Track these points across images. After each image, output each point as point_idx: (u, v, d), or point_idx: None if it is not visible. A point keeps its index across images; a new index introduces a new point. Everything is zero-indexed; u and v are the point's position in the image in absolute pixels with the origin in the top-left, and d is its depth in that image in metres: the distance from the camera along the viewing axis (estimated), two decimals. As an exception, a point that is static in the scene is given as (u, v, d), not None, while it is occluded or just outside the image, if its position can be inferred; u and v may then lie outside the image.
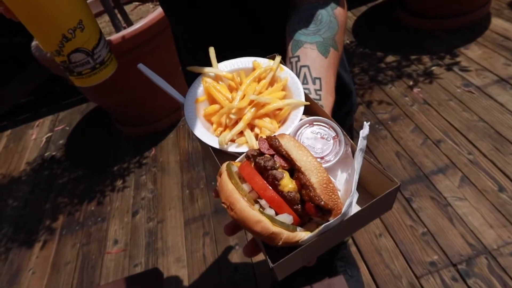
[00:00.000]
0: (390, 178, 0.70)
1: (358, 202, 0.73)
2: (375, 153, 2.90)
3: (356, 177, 0.68)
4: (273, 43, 1.01)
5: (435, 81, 3.33)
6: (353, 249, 2.38)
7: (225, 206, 0.64)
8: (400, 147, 2.89)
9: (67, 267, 2.94)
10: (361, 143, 0.71)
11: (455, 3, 3.67)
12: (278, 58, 0.89)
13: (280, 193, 0.63)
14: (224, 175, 0.66)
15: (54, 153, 4.19)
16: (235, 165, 0.70)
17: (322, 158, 0.77)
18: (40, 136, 4.55)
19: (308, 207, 0.64)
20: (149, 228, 2.99)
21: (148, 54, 3.04)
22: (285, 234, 0.61)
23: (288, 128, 0.80)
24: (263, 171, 0.65)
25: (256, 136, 0.79)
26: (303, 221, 0.67)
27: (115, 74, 1.10)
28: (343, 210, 0.64)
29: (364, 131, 0.72)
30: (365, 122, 0.74)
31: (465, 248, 2.19)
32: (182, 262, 2.66)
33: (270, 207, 0.64)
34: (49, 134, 4.52)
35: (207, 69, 0.87)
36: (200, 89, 0.87)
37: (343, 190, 0.75)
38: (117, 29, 3.16)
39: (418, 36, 3.86)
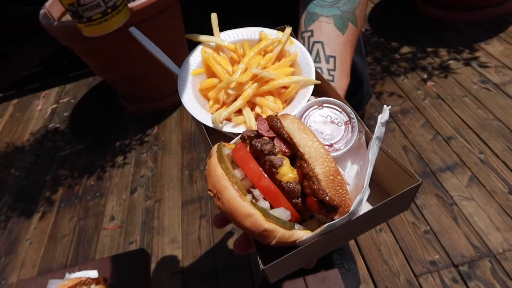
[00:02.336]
0: (410, 174, 0.60)
1: (369, 200, 0.64)
2: (382, 146, 2.80)
3: (369, 171, 0.59)
4: (286, 13, 0.92)
5: (451, 75, 3.21)
6: (351, 242, 2.32)
7: (212, 194, 0.55)
8: (408, 142, 2.80)
9: (64, 240, 2.93)
10: (379, 130, 0.61)
11: (479, -5, 3.51)
12: (289, 30, 0.80)
13: (278, 183, 0.54)
14: (214, 158, 0.57)
15: (58, 125, 4.15)
16: (228, 147, 0.61)
17: (330, 145, 0.67)
18: (45, 107, 4.51)
19: (309, 201, 0.54)
20: (146, 207, 2.95)
21: (156, 29, 2.94)
22: (280, 232, 0.53)
23: (294, 109, 0.71)
24: (260, 155, 0.56)
25: (257, 116, 0.71)
26: (303, 217, 0.58)
27: (120, 47, 1.00)
28: (351, 208, 0.55)
29: (384, 116, 0.62)
30: (385, 106, 0.64)
31: (468, 249, 2.12)
32: (177, 243, 2.63)
33: (264, 198, 0.55)
34: (54, 106, 4.48)
35: (207, 38, 0.78)
36: (198, 60, 0.79)
37: (352, 184, 0.66)
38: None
39: (436, 27, 3.71)
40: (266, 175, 0.55)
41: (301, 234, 0.55)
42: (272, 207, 0.55)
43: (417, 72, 3.34)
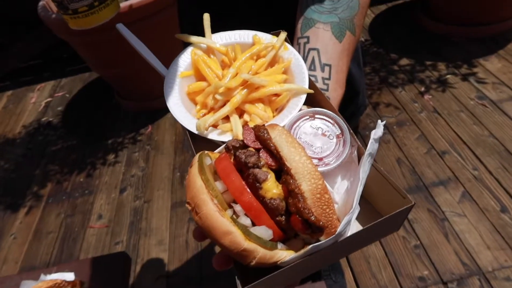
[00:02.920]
0: (402, 194, 0.58)
1: (358, 218, 0.61)
2: (376, 157, 2.78)
3: (360, 189, 0.55)
4: (285, 18, 0.89)
5: (448, 90, 3.20)
6: (342, 253, 2.29)
7: (189, 208, 0.51)
8: (403, 154, 2.78)
9: (49, 236, 2.87)
10: (372, 146, 0.58)
11: (481, 12, 3.51)
12: (283, 35, 0.76)
13: (261, 198, 0.51)
14: (194, 168, 0.54)
15: (51, 119, 4.10)
16: (212, 157, 0.57)
17: (320, 159, 0.64)
18: (39, 100, 4.46)
19: (294, 220, 0.50)
20: (135, 207, 2.91)
21: (152, 28, 2.91)
22: (261, 253, 0.49)
23: (284, 118, 0.67)
24: (244, 168, 0.52)
25: (245, 124, 0.68)
26: (287, 236, 0.54)
27: (117, 44, 0.96)
28: (338, 230, 0.52)
29: (377, 132, 0.59)
30: (379, 121, 0.61)
31: (458, 266, 2.09)
32: (163, 246, 2.58)
33: (246, 215, 0.51)
34: (49, 99, 4.43)
35: (198, 39, 0.75)
36: (187, 62, 0.75)
37: (341, 201, 0.62)
38: (126, -3, 3.03)
39: (436, 41, 3.71)
40: (248, 190, 0.51)
41: (283, 254, 0.51)
42: (254, 224, 0.51)
43: (415, 85, 3.33)
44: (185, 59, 0.76)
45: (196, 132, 0.65)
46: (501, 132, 2.75)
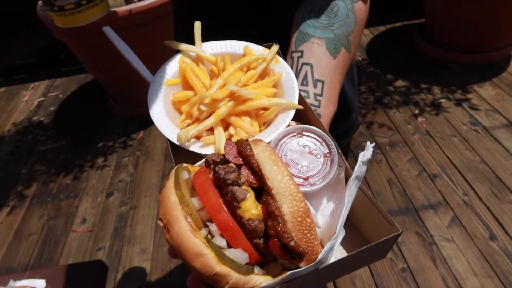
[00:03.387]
0: (390, 221, 0.55)
1: (343, 242, 0.58)
2: (367, 176, 2.77)
3: (344, 214, 0.53)
4: (281, 30, 0.87)
5: (442, 113, 3.21)
6: (327, 272, 2.25)
7: (161, 225, 0.48)
8: (394, 175, 2.77)
9: (30, 238, 2.80)
10: (359, 169, 0.55)
11: (477, 40, 3.56)
12: (275, 48, 0.75)
13: (239, 219, 0.48)
14: (170, 182, 0.51)
15: (42, 119, 4.04)
16: (192, 170, 0.54)
17: (305, 179, 0.61)
18: (32, 99, 4.41)
19: (272, 244, 0.47)
20: (121, 213, 2.85)
21: (148, 35, 2.90)
22: (234, 278, 0.45)
23: (271, 134, 0.65)
24: (222, 185, 0.49)
25: (230, 138, 0.66)
26: (265, 259, 0.51)
27: (113, 48, 0.93)
28: (319, 257, 0.49)
29: (366, 154, 0.56)
30: (368, 143, 0.57)
31: (443, 292, 2.06)
32: (147, 255, 2.52)
33: (221, 235, 0.48)
34: (42, 99, 4.38)
35: (187, 47, 0.73)
36: (174, 70, 0.73)
37: (326, 224, 0.59)
38: (128, 2, 3.03)
39: (433, 65, 3.75)
40: (226, 209, 0.48)
41: (259, 280, 0.48)
42: (229, 246, 0.48)
43: (409, 107, 3.34)
44: (172, 67, 0.73)
45: (177, 142, 0.62)
46: (493, 159, 2.75)
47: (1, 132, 3.93)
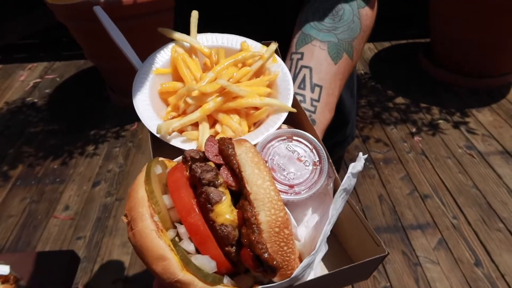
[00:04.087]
0: (377, 241, 0.52)
1: (325, 259, 0.54)
2: (358, 190, 2.74)
3: (327, 229, 0.49)
4: (280, 30, 0.84)
5: (439, 134, 3.20)
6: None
7: (125, 221, 0.44)
8: (385, 191, 2.74)
9: (9, 220, 2.73)
10: (348, 181, 0.52)
11: (480, 65, 3.56)
12: (274, 46, 0.71)
13: (211, 223, 0.44)
14: (141, 176, 0.47)
15: (36, 100, 3.98)
16: (169, 165, 0.50)
17: (291, 186, 0.57)
18: (28, 80, 4.34)
19: (244, 254, 0.43)
20: (105, 203, 2.79)
21: (151, 27, 2.85)
22: (199, 286, 0.41)
23: (259, 135, 0.61)
24: (198, 184, 0.45)
25: (215, 135, 0.62)
26: (237, 270, 0.46)
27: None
28: (295, 273, 0.45)
29: (356, 166, 0.53)
30: (360, 154, 0.54)
31: (424, 315, 2.03)
32: (127, 248, 2.47)
33: (190, 239, 0.44)
34: (38, 80, 4.32)
35: (181, 36, 0.69)
36: (165, 59, 0.69)
37: (308, 237, 0.55)
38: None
39: (434, 86, 3.74)
40: (197, 210, 0.44)
41: None
42: (198, 252, 0.44)
43: (407, 125, 3.33)
44: (164, 55, 0.70)
45: (157, 134, 0.58)
46: (485, 184, 2.73)
47: (-8, 110, 3.86)
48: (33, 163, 3.19)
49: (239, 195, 0.47)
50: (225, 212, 0.44)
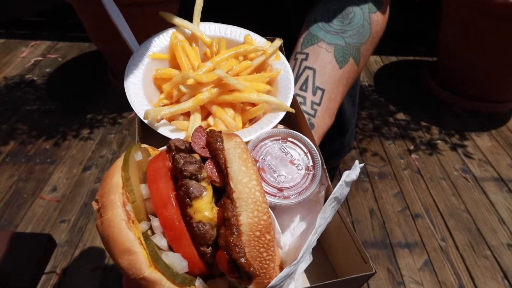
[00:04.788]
0: (365, 258, 0.49)
1: (308, 271, 0.52)
2: (350, 203, 2.71)
3: (312, 239, 0.46)
4: (283, 27, 0.81)
5: (436, 154, 3.18)
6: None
7: (95, 207, 0.42)
8: (377, 206, 2.71)
9: (-6, 196, 2.69)
10: (340, 190, 0.49)
11: (485, 89, 3.55)
12: (278, 42, 0.68)
13: (188, 219, 0.40)
14: (119, 161, 0.44)
15: (35, 78, 3.94)
16: (152, 154, 0.47)
17: (280, 190, 0.54)
18: (30, 57, 4.30)
19: (219, 257, 0.40)
20: (94, 189, 2.75)
21: (154, 17, 2.81)
22: (166, 286, 0.38)
23: (253, 132, 0.58)
24: (179, 176, 0.42)
25: (207, 128, 0.59)
26: (211, 272, 0.43)
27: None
28: (272, 282, 0.42)
29: (351, 174, 0.50)
30: (356, 162, 0.51)
31: (403, 335, 2.00)
32: (110, 237, 2.43)
33: (163, 234, 0.41)
34: (40, 59, 4.27)
35: (182, 22, 0.66)
36: (164, 44, 0.66)
37: (292, 245, 0.52)
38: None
39: (437, 105, 3.73)
40: (174, 204, 0.40)
41: None
42: (171, 249, 0.40)
43: (405, 141, 3.31)
44: (162, 40, 0.67)
45: (144, 120, 0.55)
46: (477, 210, 2.71)
47: (-10, 83, 3.81)
48: (25, 141, 3.14)
49: (223, 193, 0.44)
50: (204, 208, 0.40)
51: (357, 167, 0.50)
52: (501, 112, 3.65)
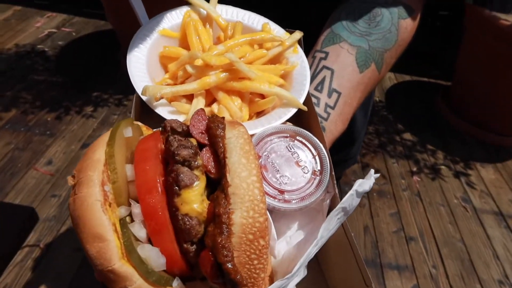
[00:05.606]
0: (367, 280, 0.45)
1: (299, 284, 0.47)
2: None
3: (311, 251, 0.41)
4: (302, 21, 0.76)
5: (438, 180, 3.13)
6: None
7: (71, 182, 0.37)
8: (372, 224, 2.66)
9: (-12, 161, 2.66)
10: (350, 200, 0.44)
11: (496, 120, 3.50)
12: (298, 35, 0.64)
13: (173, 209, 0.35)
14: (105, 136, 0.40)
15: (47, 49, 3.91)
16: (145, 133, 0.43)
17: (281, 192, 0.50)
18: (44, 28, 4.27)
19: (203, 257, 0.35)
20: (89, 168, 2.71)
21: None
22: (135, 284, 0.33)
23: (259, 126, 0.54)
24: (170, 160, 0.37)
25: (211, 115, 0.54)
26: (192, 273, 0.38)
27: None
28: None
29: (364, 184, 0.45)
30: (372, 171, 0.46)
31: None
32: (98, 218, 2.39)
33: (143, 223, 0.35)
34: (54, 30, 4.25)
35: (199, 1, 0.62)
36: (176, 21, 0.62)
37: (286, 255, 0.48)
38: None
39: (445, 130, 3.67)
40: (160, 190, 0.35)
41: None
42: (150, 242, 0.35)
43: (409, 162, 3.25)
44: (175, 17, 0.62)
45: (142, 97, 0.51)
46: (472, 241, 2.66)
47: (0, 48, 3.79)
48: (28, 110, 3.11)
49: (217, 186, 0.39)
50: (194, 200, 0.35)
51: (371, 177, 0.45)
52: (509, 146, 3.59)
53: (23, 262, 2.08)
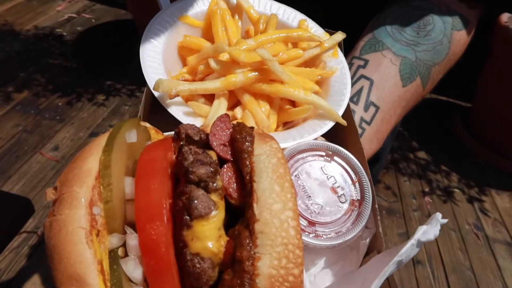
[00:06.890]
0: None
1: None
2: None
3: None
4: (345, 20, 0.69)
5: (451, 203, 3.01)
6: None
7: (51, 196, 0.29)
8: (379, 243, 2.57)
9: (-5, 141, 2.62)
10: (409, 251, 0.37)
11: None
12: (340, 37, 0.57)
13: (180, 246, 0.27)
14: (102, 137, 0.32)
15: (65, 34, 3.89)
16: (153, 138, 0.34)
17: (312, 224, 0.42)
18: (64, 12, 4.26)
19: None
20: (94, 157, 2.66)
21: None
22: None
23: (289, 139, 0.45)
24: (182, 178, 0.29)
25: (233, 120, 0.47)
26: None
27: None
28: None
29: (428, 232, 0.38)
30: (438, 216, 0.39)
31: None
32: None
33: (139, 260, 0.27)
34: (74, 15, 4.23)
35: (229, -11, 0.55)
36: (201, 9, 0.55)
37: None
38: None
39: (462, 152, 3.56)
40: (166, 219, 0.27)
41: None
42: (146, 285, 0.27)
43: (422, 182, 3.15)
44: (200, 4, 0.55)
45: (154, 92, 0.43)
46: (482, 270, 2.54)
47: (19, 29, 3.78)
48: (39, 93, 3.08)
49: (239, 215, 0.31)
50: (208, 236, 0.27)
51: (437, 224, 0.36)
52: (527, 175, 3.46)
53: (19, 248, 2.03)
